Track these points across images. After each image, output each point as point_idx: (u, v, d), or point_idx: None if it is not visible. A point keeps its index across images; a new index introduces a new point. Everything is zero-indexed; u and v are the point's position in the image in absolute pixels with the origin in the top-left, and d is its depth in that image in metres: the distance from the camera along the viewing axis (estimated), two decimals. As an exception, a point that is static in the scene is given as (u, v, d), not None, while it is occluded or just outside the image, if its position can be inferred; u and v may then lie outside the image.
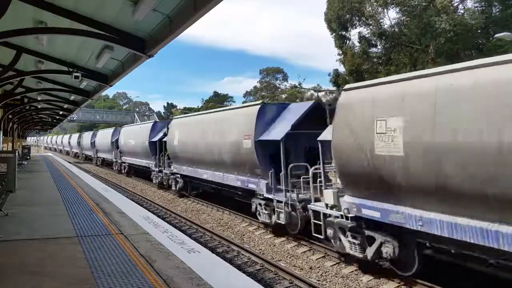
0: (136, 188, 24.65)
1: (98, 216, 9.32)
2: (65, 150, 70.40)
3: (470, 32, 25.31)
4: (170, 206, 17.84)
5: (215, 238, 12.06)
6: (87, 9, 8.30)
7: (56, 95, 20.38)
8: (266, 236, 12.17)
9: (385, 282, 8.29)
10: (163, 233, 7.78)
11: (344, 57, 32.44)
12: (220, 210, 16.27)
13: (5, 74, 11.77)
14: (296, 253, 10.49)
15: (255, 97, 68.29)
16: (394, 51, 29.78)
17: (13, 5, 6.84)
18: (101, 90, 16.93)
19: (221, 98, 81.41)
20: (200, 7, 6.43)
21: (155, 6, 7.07)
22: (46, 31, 9.10)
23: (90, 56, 11.88)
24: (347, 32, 32.54)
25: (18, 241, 7.03)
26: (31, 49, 11.52)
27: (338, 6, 30.56)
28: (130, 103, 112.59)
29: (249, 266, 9.61)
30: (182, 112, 67.83)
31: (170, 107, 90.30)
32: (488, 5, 26.67)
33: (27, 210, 10.01)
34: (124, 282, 4.95)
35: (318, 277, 8.81)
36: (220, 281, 5.20)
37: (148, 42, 9.00)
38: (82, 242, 6.84)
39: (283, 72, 69.58)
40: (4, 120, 20.70)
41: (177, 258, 6.04)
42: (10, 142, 25.19)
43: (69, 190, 14.23)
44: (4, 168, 12.63)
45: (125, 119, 66.93)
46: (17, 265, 5.66)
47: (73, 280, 5.05)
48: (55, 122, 37.84)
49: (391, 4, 28.85)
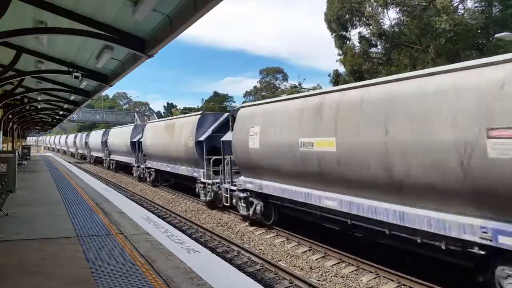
0: (136, 188, 24.66)
1: (98, 216, 9.32)
2: (62, 150, 70.46)
3: (470, 32, 25.30)
4: (170, 206, 17.84)
5: (215, 238, 12.06)
6: (87, 9, 8.31)
7: (56, 95, 20.39)
8: (266, 236, 12.18)
9: (385, 282, 8.30)
10: (163, 233, 7.78)
11: (344, 57, 32.45)
12: (220, 210, 16.27)
13: (5, 74, 11.78)
14: (296, 253, 10.49)
15: (255, 97, 68.37)
16: (394, 51, 29.77)
17: (13, 5, 6.85)
18: (101, 90, 16.95)
19: (221, 98, 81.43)
20: (200, 7, 6.44)
21: (155, 6, 7.08)
22: (46, 31, 9.11)
23: (90, 56, 11.89)
24: (347, 32, 32.56)
25: (18, 241, 7.03)
26: (31, 49, 11.54)
27: (338, 6, 30.56)
28: (130, 103, 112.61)
29: (249, 266, 9.61)
30: (182, 112, 67.84)
31: (170, 107, 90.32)
32: (488, 5, 26.66)
33: (27, 210, 10.01)
34: (124, 282, 4.95)
35: (318, 277, 8.81)
36: (220, 281, 5.20)
37: (148, 42, 9.01)
38: (82, 242, 6.84)
39: (283, 72, 69.79)
40: (4, 120, 20.72)
41: (177, 258, 6.04)
42: (10, 142, 25.19)
43: (69, 190, 14.23)
44: (4, 168, 12.63)
45: (125, 119, 66.92)
46: (17, 265, 5.65)
47: (73, 280, 5.05)
48: (55, 122, 37.86)
49: (391, 4, 28.85)
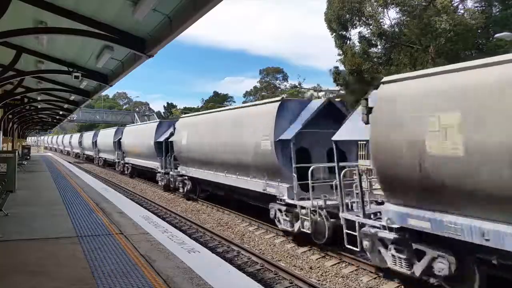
0: (136, 188, 24.64)
1: (98, 216, 9.32)
2: (66, 151, 70.42)
3: (470, 32, 25.30)
4: (170, 206, 17.83)
5: (215, 238, 12.06)
6: (87, 9, 8.30)
7: (56, 95, 20.37)
8: (266, 236, 12.17)
9: (385, 282, 8.29)
10: (163, 233, 7.78)
11: (345, 57, 32.42)
12: (220, 210, 16.27)
13: (5, 74, 11.78)
14: (296, 253, 10.49)
15: (255, 97, 68.24)
16: (394, 51, 29.76)
17: (13, 5, 6.86)
18: (101, 90, 16.95)
19: (221, 98, 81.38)
20: (200, 7, 6.44)
21: (155, 6, 7.08)
22: (46, 31, 9.11)
23: (90, 56, 11.88)
24: (347, 32, 32.51)
25: (18, 241, 7.04)
26: (31, 49, 11.52)
27: (338, 6, 30.52)
28: (130, 103, 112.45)
29: (249, 266, 9.60)
30: (182, 112, 67.81)
31: (170, 107, 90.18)
32: (488, 5, 26.67)
33: (27, 210, 10.01)
34: (124, 282, 4.95)
35: (318, 277, 8.80)
36: (220, 281, 5.20)
37: (148, 42, 9.00)
38: (82, 242, 6.85)
39: (283, 72, 69.53)
40: (4, 120, 20.71)
41: (177, 258, 6.04)
42: (10, 142, 25.18)
43: (69, 190, 14.23)
44: (4, 168, 12.63)
45: (125, 119, 66.87)
46: (17, 265, 5.66)
47: (73, 280, 5.05)
48: (55, 122, 37.84)
49: (391, 4, 28.83)
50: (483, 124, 5.89)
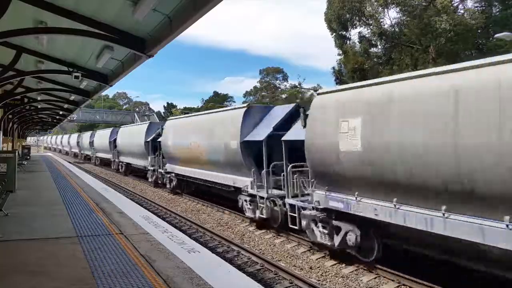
0: (136, 188, 24.66)
1: (98, 216, 9.32)
2: (64, 150, 70.41)
3: (470, 32, 25.32)
4: (170, 206, 17.84)
5: (215, 238, 12.06)
6: (87, 9, 8.30)
7: (56, 95, 20.36)
8: (266, 236, 12.18)
9: (385, 282, 8.29)
10: (163, 233, 7.78)
11: (345, 57, 32.45)
12: (220, 210, 16.28)
13: (5, 74, 11.77)
14: (296, 253, 10.49)
15: (255, 97, 68.25)
16: (395, 51, 29.78)
17: (13, 5, 6.85)
18: (101, 90, 16.94)
19: (221, 98, 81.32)
20: (200, 7, 6.43)
21: (155, 6, 7.07)
22: (46, 31, 9.10)
23: (90, 56, 11.88)
24: (347, 32, 32.55)
25: (18, 241, 7.04)
26: (31, 49, 11.52)
27: (338, 5, 30.55)
28: (130, 103, 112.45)
29: (249, 266, 9.61)
30: (182, 112, 67.82)
31: (170, 107, 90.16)
32: (488, 5, 26.69)
33: (27, 210, 10.01)
34: (124, 282, 4.95)
35: (318, 277, 8.81)
36: (220, 281, 5.20)
37: (148, 42, 9.00)
38: (82, 242, 6.85)
39: (283, 72, 69.44)
40: (4, 120, 20.71)
41: (177, 258, 6.04)
42: (10, 142, 25.19)
43: (69, 190, 14.23)
44: (4, 168, 12.64)
45: (125, 119, 66.81)
46: (17, 265, 5.66)
47: (73, 280, 5.05)
48: (55, 122, 37.84)
49: (391, 4, 28.85)
50: (374, 127, 7.97)
